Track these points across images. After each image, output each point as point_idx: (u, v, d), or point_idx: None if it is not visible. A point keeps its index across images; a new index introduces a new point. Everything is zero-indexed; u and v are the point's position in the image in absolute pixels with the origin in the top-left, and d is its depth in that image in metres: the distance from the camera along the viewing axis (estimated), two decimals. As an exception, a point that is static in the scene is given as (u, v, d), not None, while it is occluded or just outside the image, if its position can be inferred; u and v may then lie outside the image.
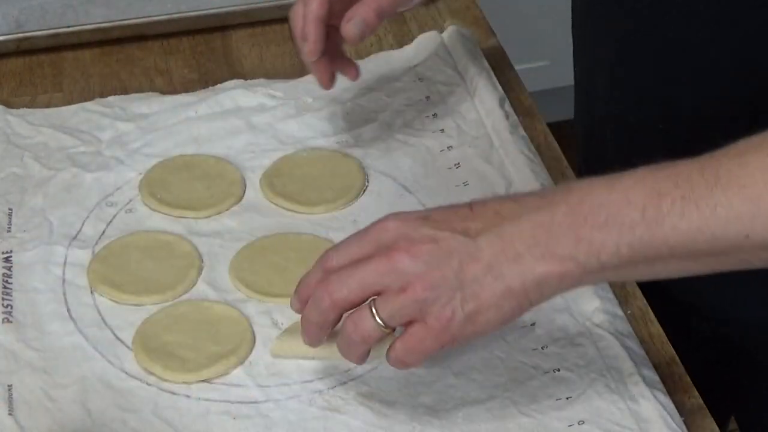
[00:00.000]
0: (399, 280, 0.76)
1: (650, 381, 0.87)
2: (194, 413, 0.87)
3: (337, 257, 0.80)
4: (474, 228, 0.76)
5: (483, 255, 0.75)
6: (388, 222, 0.78)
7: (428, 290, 0.75)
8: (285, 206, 1.05)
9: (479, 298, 0.75)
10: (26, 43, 1.25)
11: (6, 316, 0.94)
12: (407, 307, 0.76)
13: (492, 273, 0.75)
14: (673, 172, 0.74)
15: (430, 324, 0.76)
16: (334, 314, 0.79)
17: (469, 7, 1.31)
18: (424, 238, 0.76)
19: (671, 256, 0.74)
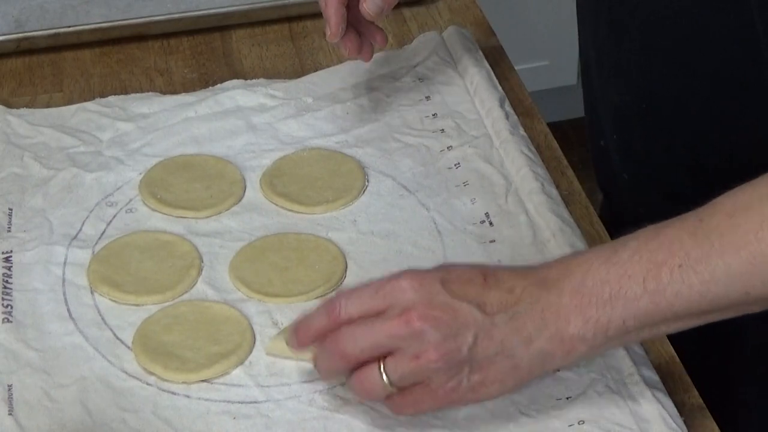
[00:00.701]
0: (414, 346, 0.77)
1: (650, 381, 0.87)
2: (194, 413, 0.87)
3: (347, 308, 0.80)
4: (490, 304, 0.78)
5: (497, 333, 0.77)
6: (404, 281, 0.79)
7: (441, 361, 0.77)
8: (285, 206, 1.05)
9: (486, 372, 0.78)
10: (26, 43, 1.25)
11: (6, 316, 0.94)
12: (418, 373, 0.78)
13: (504, 352, 0.78)
14: (666, 239, 0.76)
15: (433, 389, 0.79)
16: (343, 367, 0.81)
17: (469, 7, 1.31)
18: (443, 306, 0.77)
19: (675, 319, 0.78)
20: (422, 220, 1.03)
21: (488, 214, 1.03)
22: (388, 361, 0.78)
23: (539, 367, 0.79)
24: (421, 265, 0.97)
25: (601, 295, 0.77)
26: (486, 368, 0.78)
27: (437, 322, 0.77)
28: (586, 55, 1.14)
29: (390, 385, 0.79)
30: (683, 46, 0.97)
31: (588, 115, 1.18)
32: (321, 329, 0.81)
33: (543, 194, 1.03)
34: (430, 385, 0.78)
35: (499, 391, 0.79)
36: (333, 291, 0.96)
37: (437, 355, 0.77)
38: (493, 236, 1.00)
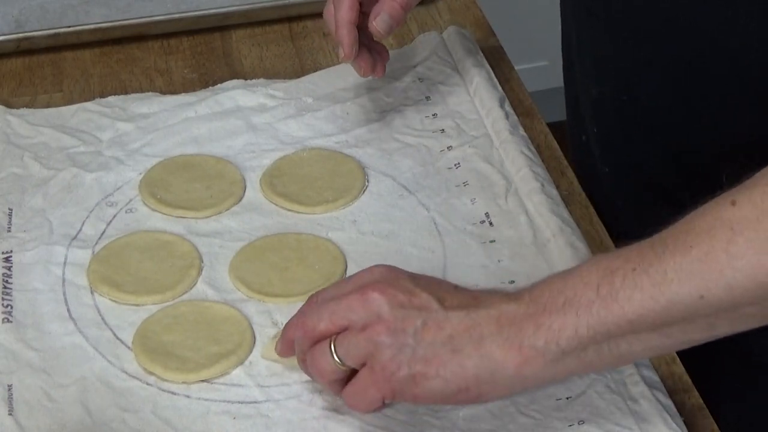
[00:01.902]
0: (364, 318, 0.78)
1: (650, 381, 0.87)
2: (194, 413, 0.87)
3: (322, 295, 0.83)
4: (450, 301, 0.78)
5: (448, 326, 0.77)
6: (376, 267, 0.82)
7: (384, 335, 0.77)
8: (285, 206, 1.05)
9: (429, 363, 0.77)
10: (26, 43, 1.25)
11: (6, 316, 0.94)
12: (361, 346, 0.78)
13: (451, 345, 0.77)
14: (626, 250, 0.76)
15: (376, 371, 0.78)
16: (307, 344, 0.81)
17: (469, 7, 1.31)
18: (402, 288, 0.79)
19: (632, 332, 0.75)
20: (422, 220, 1.03)
21: (488, 214, 1.03)
22: (338, 336, 0.79)
23: (487, 373, 0.76)
24: (421, 265, 0.97)
25: (555, 303, 0.75)
26: (430, 359, 0.77)
27: (391, 298, 0.78)
28: (567, 50, 1.14)
29: (339, 361, 0.80)
30: (658, 36, 0.97)
31: (570, 110, 1.18)
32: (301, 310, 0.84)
33: (543, 194, 1.03)
34: (373, 367, 0.78)
35: (441, 389, 0.77)
36: (333, 291, 0.96)
37: (381, 329, 0.77)
38: (493, 236, 1.00)
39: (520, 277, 0.96)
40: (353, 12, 1.03)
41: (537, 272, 0.96)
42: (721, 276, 0.72)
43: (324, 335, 0.80)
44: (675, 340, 0.76)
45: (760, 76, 0.93)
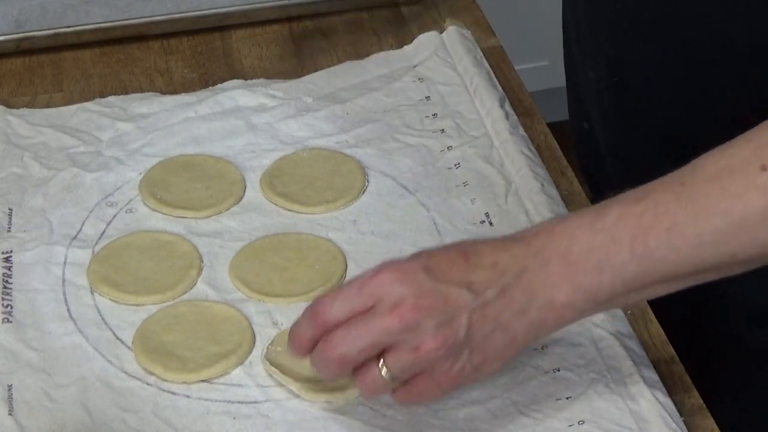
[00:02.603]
0: (411, 338, 0.76)
1: (650, 381, 0.87)
2: (194, 413, 0.87)
3: (333, 311, 0.77)
4: (477, 282, 0.77)
5: (490, 311, 0.77)
6: (385, 274, 0.77)
7: (438, 350, 0.76)
8: (285, 206, 1.05)
9: (486, 351, 0.77)
10: (26, 43, 1.25)
11: (6, 316, 0.94)
12: (416, 365, 0.77)
13: (500, 328, 0.77)
14: (651, 204, 0.76)
15: (437, 377, 0.78)
16: (342, 371, 0.79)
17: (469, 7, 1.31)
18: (432, 293, 0.76)
19: (661, 282, 0.78)
20: (422, 220, 1.03)
21: (488, 214, 1.03)
22: (387, 356, 0.77)
23: (534, 336, 0.79)
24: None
25: (588, 261, 0.76)
26: (485, 347, 0.77)
27: (430, 310, 0.75)
28: (568, 35, 1.14)
29: (392, 380, 0.78)
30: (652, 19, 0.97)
31: (571, 98, 1.18)
32: (312, 338, 0.78)
33: (543, 194, 1.03)
34: (434, 374, 0.77)
35: (500, 365, 0.79)
36: (333, 291, 0.96)
37: (436, 344, 0.76)
38: (493, 236, 1.00)
39: (520, 277, 0.96)
40: None
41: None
42: (755, 238, 0.75)
43: (360, 361, 0.78)
44: (695, 283, 0.79)
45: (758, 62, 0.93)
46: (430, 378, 0.78)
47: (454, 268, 0.77)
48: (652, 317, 0.95)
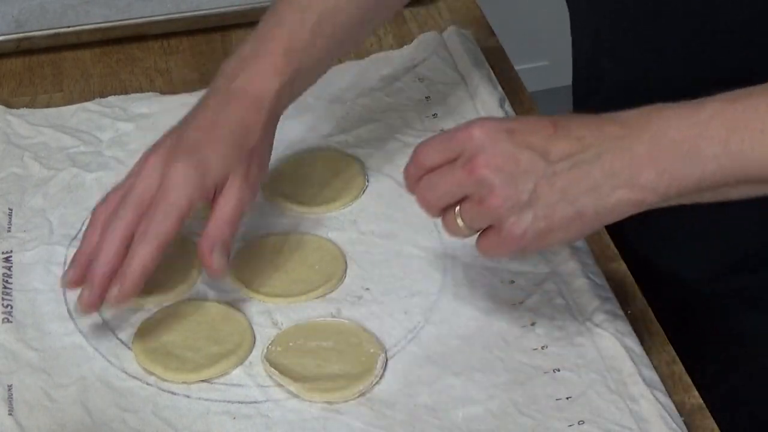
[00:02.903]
0: (478, 191, 0.81)
1: (650, 381, 0.87)
2: (194, 413, 0.87)
3: (428, 156, 0.84)
4: (554, 152, 0.80)
5: (558, 181, 0.79)
6: (474, 129, 0.82)
7: (501, 205, 0.80)
8: (285, 206, 1.05)
9: (550, 219, 0.80)
10: (26, 43, 1.25)
11: (6, 316, 0.94)
12: (484, 217, 0.82)
13: (566, 199, 0.80)
14: (747, 105, 0.78)
15: (504, 234, 0.81)
16: (432, 212, 0.86)
17: (469, 7, 1.31)
18: (504, 154, 0.80)
19: (745, 182, 0.79)
20: (422, 220, 1.02)
21: (488, 214, 1.03)
22: (461, 205, 0.83)
23: (609, 216, 0.80)
24: (421, 265, 0.97)
25: (679, 150, 0.78)
26: (549, 215, 0.80)
27: (498, 169, 0.80)
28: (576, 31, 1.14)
29: (466, 228, 0.83)
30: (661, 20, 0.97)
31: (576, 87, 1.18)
32: (415, 176, 0.85)
33: (543, 194, 1.03)
34: (501, 231, 0.81)
35: (565, 237, 0.82)
36: (333, 291, 0.96)
37: (498, 201, 0.80)
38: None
39: (520, 277, 0.96)
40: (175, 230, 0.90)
41: (537, 272, 0.96)
42: None
43: (442, 206, 0.84)
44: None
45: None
46: (498, 233, 0.82)
47: (537, 135, 0.81)
48: (652, 317, 0.95)
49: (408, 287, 0.96)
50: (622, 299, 0.95)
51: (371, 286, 0.97)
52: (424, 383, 0.88)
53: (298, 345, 0.91)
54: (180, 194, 0.90)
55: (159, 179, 0.90)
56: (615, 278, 0.97)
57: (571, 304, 0.93)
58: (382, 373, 0.89)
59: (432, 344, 0.91)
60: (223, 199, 0.92)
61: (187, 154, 0.91)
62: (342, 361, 0.89)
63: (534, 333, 0.92)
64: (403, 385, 0.88)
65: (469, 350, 0.91)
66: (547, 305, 0.94)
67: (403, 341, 0.92)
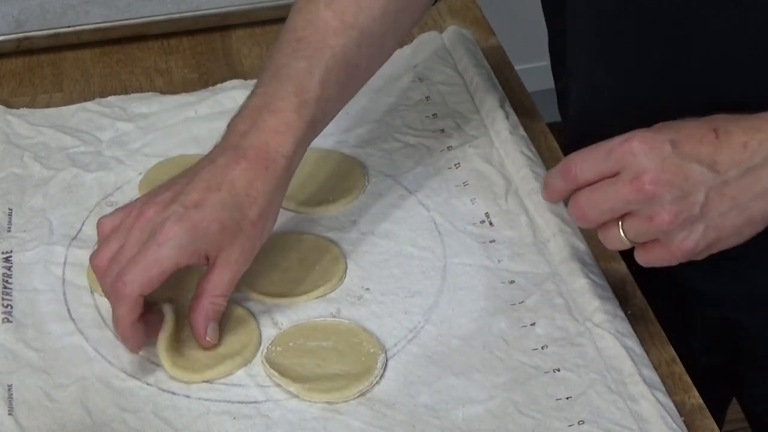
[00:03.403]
0: (647, 208, 0.80)
1: (650, 381, 0.87)
2: (194, 413, 0.87)
3: (582, 171, 0.83)
4: (721, 162, 0.80)
5: (729, 190, 0.80)
6: (635, 143, 0.81)
7: (674, 222, 0.80)
8: (285, 206, 1.04)
9: (721, 229, 0.80)
10: (26, 43, 1.25)
11: (6, 316, 0.94)
12: (651, 233, 0.81)
13: (737, 208, 0.80)
14: None
15: (672, 249, 0.81)
16: (589, 226, 0.85)
17: (469, 7, 1.31)
18: (673, 168, 0.79)
19: None
20: (422, 220, 1.03)
21: (488, 214, 1.03)
22: (625, 221, 0.82)
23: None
24: (421, 265, 0.97)
25: None
26: (721, 225, 0.80)
27: (668, 185, 0.79)
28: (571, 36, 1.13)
29: (629, 242, 0.83)
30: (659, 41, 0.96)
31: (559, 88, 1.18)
32: (562, 190, 0.85)
33: (543, 194, 1.03)
34: (668, 244, 0.81)
35: (737, 242, 0.82)
36: (333, 291, 0.96)
37: (670, 217, 0.80)
38: (493, 236, 1.00)
39: (520, 277, 0.96)
40: (134, 314, 0.86)
41: (537, 272, 0.97)
42: None
43: (602, 222, 0.83)
44: None
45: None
46: (666, 247, 0.82)
47: (701, 146, 0.80)
48: (652, 317, 0.95)
49: (408, 287, 0.96)
50: (622, 299, 0.95)
51: (371, 286, 0.97)
52: (424, 383, 0.88)
53: (298, 345, 0.91)
54: (169, 254, 0.85)
55: (150, 233, 0.86)
56: (615, 278, 0.97)
57: (571, 304, 0.93)
58: (382, 373, 0.89)
59: (432, 344, 0.91)
60: (218, 270, 0.88)
61: (184, 214, 0.86)
62: (342, 361, 0.89)
63: (534, 333, 0.92)
64: (403, 385, 0.88)
65: (469, 350, 0.91)
66: (547, 305, 0.94)
67: (403, 341, 0.92)
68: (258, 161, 0.89)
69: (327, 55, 0.93)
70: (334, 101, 0.95)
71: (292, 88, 0.91)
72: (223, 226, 0.87)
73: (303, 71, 0.92)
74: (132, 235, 0.87)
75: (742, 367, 1.12)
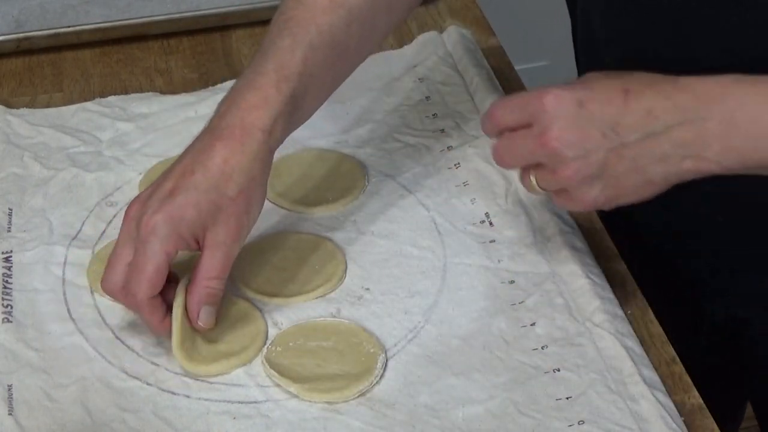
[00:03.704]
0: (551, 162, 0.84)
1: (650, 381, 0.87)
2: (194, 413, 0.87)
3: (502, 116, 0.88)
4: (623, 125, 0.82)
5: (628, 153, 0.82)
6: (546, 99, 0.84)
7: (574, 178, 0.84)
8: (285, 206, 1.05)
9: (619, 187, 0.84)
10: (26, 43, 1.25)
11: (6, 316, 0.94)
12: (557, 183, 0.86)
13: (635, 170, 0.83)
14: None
15: (576, 200, 0.86)
16: (507, 168, 0.96)
17: (469, 7, 1.31)
18: (576, 128, 0.83)
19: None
20: (422, 220, 1.03)
21: (488, 214, 1.03)
22: (536, 170, 0.87)
23: (675, 180, 0.83)
24: (421, 265, 0.97)
25: (749, 130, 0.80)
26: (619, 184, 0.83)
27: (569, 143, 0.83)
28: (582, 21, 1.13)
29: (541, 189, 0.87)
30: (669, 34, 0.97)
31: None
32: (490, 132, 0.90)
33: (543, 194, 1.03)
34: (572, 196, 0.85)
35: (635, 199, 0.85)
36: (333, 291, 0.96)
37: (569, 173, 0.84)
38: (493, 236, 1.00)
39: (520, 277, 0.96)
40: (157, 285, 0.87)
41: (537, 272, 0.97)
42: None
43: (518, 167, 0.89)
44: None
45: None
46: (571, 198, 0.86)
47: (607, 107, 0.83)
48: (652, 317, 0.95)
49: (408, 287, 0.96)
50: (622, 299, 0.95)
51: (371, 286, 0.97)
52: (424, 383, 0.88)
53: (298, 345, 0.91)
54: (154, 249, 0.86)
55: (135, 231, 0.87)
56: (615, 278, 0.97)
57: (571, 304, 0.93)
58: (382, 373, 0.89)
59: (432, 344, 0.91)
60: (207, 252, 0.88)
61: (159, 206, 0.86)
62: (342, 361, 0.89)
63: (534, 333, 0.92)
64: (403, 385, 0.88)
65: (469, 350, 0.91)
66: (547, 305, 0.94)
67: (403, 341, 0.92)
68: (232, 138, 0.89)
69: (313, 32, 0.93)
70: (320, 79, 0.95)
71: (273, 65, 0.91)
72: (200, 209, 0.87)
73: (286, 48, 0.92)
74: (120, 239, 0.88)
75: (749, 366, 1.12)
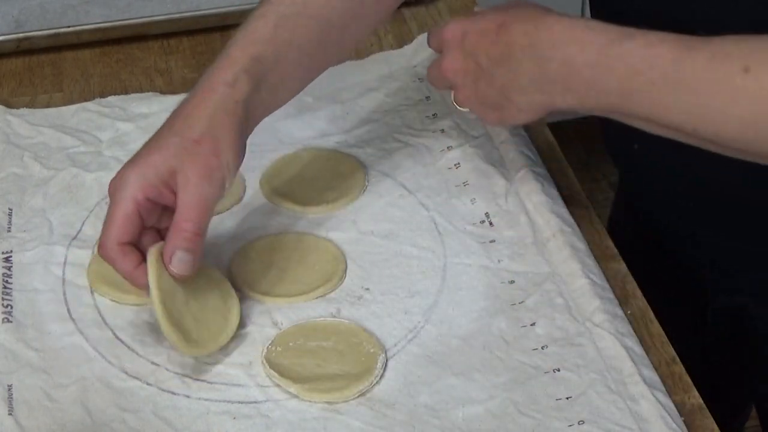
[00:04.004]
0: (453, 86, 0.98)
1: (650, 381, 0.87)
2: (194, 413, 0.87)
3: (431, 41, 1.00)
4: (490, 57, 0.92)
5: (496, 81, 0.93)
6: (446, 30, 0.97)
7: (467, 100, 0.96)
8: (285, 206, 1.05)
9: (500, 110, 0.94)
10: (26, 43, 1.25)
11: (6, 316, 0.94)
12: (465, 105, 0.97)
13: (504, 96, 0.93)
14: (654, 53, 0.83)
15: (481, 117, 0.99)
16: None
17: (469, 7, 1.31)
18: (459, 59, 0.95)
19: (647, 121, 0.86)
20: (422, 220, 1.03)
21: (488, 214, 1.03)
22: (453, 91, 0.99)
23: (542, 110, 0.92)
24: (421, 265, 0.97)
25: (582, 74, 0.87)
26: (497, 108, 0.94)
27: (454, 71, 0.96)
28: None
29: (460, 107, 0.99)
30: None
31: None
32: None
33: (543, 194, 1.03)
34: (479, 114, 0.98)
35: (521, 122, 0.96)
36: (333, 291, 0.96)
37: (462, 97, 0.97)
38: (493, 236, 1.00)
39: (520, 277, 0.96)
40: (126, 232, 0.89)
41: (537, 272, 0.97)
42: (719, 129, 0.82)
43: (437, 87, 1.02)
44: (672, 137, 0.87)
45: None
46: (482, 115, 0.97)
47: (482, 39, 0.93)
48: (652, 317, 0.95)
49: (408, 287, 0.96)
50: (622, 299, 0.95)
51: (371, 286, 0.97)
52: (424, 383, 0.88)
53: (298, 345, 0.91)
54: (123, 195, 0.88)
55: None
56: (615, 278, 0.97)
57: (571, 304, 0.93)
58: (382, 373, 0.89)
59: (432, 344, 0.91)
60: (180, 195, 0.89)
61: (130, 162, 0.90)
62: (342, 361, 0.89)
63: (534, 333, 0.92)
64: (403, 385, 0.88)
65: (469, 350, 0.91)
66: (547, 305, 0.94)
67: (403, 341, 0.92)
68: (196, 97, 0.92)
69: (286, 2, 0.98)
70: (296, 47, 0.97)
71: (242, 33, 0.97)
72: (163, 152, 0.89)
73: (257, 17, 0.98)
74: None
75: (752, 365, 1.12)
